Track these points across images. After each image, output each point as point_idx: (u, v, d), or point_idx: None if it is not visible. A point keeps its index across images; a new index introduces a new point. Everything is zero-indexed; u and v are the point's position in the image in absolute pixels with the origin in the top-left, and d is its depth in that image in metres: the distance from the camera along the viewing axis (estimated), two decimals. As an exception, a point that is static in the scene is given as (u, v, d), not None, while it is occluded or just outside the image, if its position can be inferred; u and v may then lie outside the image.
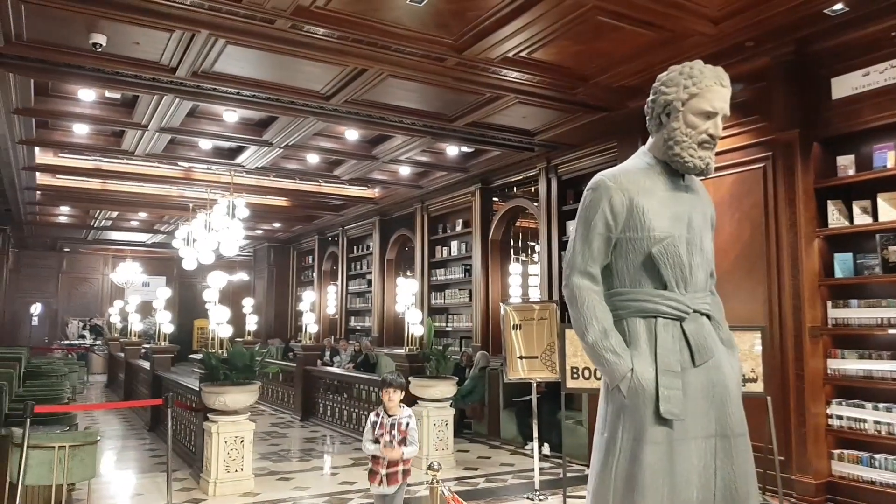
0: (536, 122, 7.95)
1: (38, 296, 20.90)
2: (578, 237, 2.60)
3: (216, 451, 5.87)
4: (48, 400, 7.48)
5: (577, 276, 2.57)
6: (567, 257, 2.64)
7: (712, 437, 2.43)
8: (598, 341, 2.47)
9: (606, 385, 2.56)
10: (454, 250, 11.96)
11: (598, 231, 2.53)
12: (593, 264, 2.55)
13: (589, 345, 2.52)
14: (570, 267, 2.61)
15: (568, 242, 2.68)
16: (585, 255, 2.55)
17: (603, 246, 2.53)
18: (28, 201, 13.27)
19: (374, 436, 4.27)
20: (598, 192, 2.58)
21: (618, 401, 2.47)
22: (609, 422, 2.52)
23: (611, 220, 2.51)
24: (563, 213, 9.14)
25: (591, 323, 2.50)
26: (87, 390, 14.64)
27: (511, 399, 8.34)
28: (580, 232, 2.59)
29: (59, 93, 7.65)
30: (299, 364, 10.66)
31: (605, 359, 2.44)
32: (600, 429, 2.60)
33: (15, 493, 4.78)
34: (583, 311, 2.53)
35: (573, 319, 2.60)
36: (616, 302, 2.54)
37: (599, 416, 2.64)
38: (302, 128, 8.24)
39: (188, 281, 22.14)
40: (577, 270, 2.57)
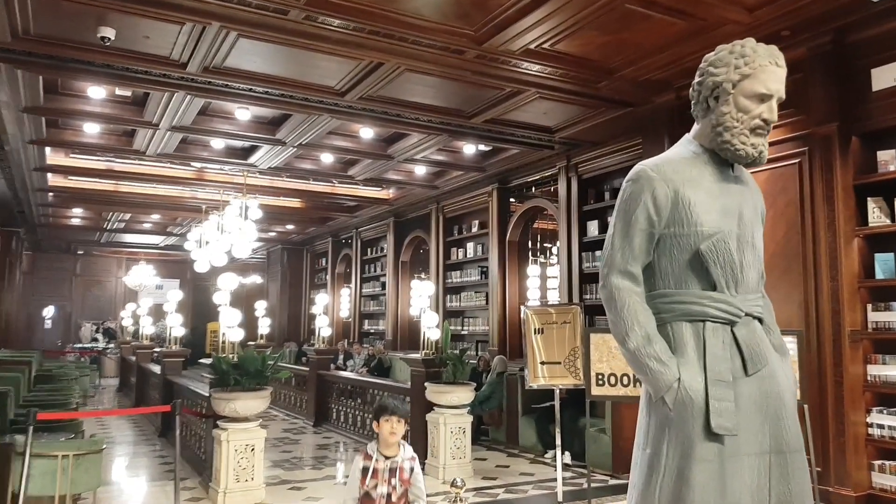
0: (557, 119, 7.70)
1: (53, 298, 20.89)
2: (617, 233, 2.36)
3: (226, 459, 5.65)
4: (56, 405, 7.32)
5: (617, 275, 2.33)
6: (605, 255, 2.39)
7: (766, 454, 2.20)
8: (640, 348, 2.23)
9: (648, 396, 2.32)
10: (470, 252, 11.72)
11: (639, 226, 2.29)
12: (634, 263, 2.31)
13: (630, 352, 2.27)
14: (608, 266, 2.36)
15: (606, 239, 2.43)
16: (625, 253, 2.31)
17: (645, 243, 2.29)
18: (40, 203, 13.19)
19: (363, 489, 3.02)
20: (640, 183, 2.33)
21: (662, 414, 2.23)
22: (652, 437, 2.28)
23: (654, 214, 2.27)
24: (584, 213, 8.87)
25: (632, 328, 2.26)
26: (99, 394, 14.53)
27: (530, 405, 8.08)
28: (619, 227, 2.34)
29: (69, 90, 7.50)
30: (312, 368, 10.45)
31: (649, 367, 2.20)
32: (641, 444, 2.36)
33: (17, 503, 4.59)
34: (623, 314, 2.28)
35: (611, 324, 2.36)
36: (659, 304, 2.30)
37: (640, 430, 2.40)
38: (316, 126, 8.04)
39: (202, 284, 22.04)
40: (616, 270, 2.33)
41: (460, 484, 2.83)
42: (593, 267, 8.65)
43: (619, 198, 2.39)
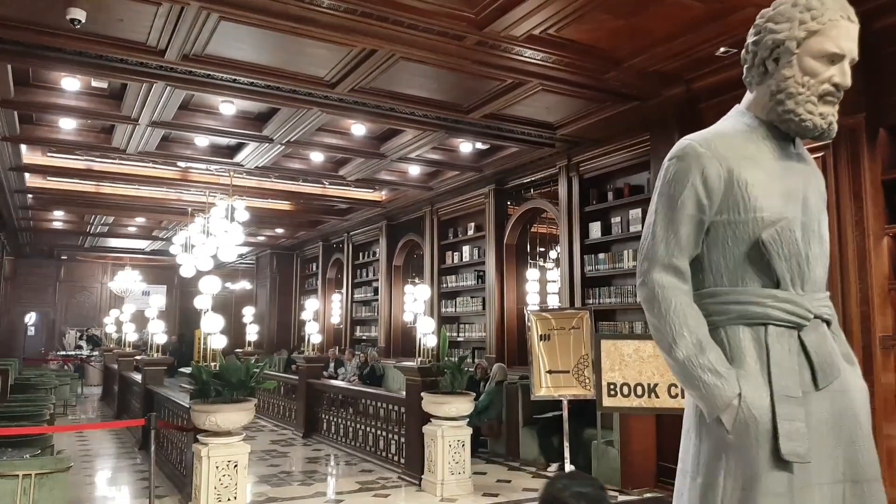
0: (560, 114, 7.31)
1: (35, 305, 20.34)
2: (659, 221, 1.97)
3: (206, 476, 5.21)
4: (27, 417, 6.86)
5: (659, 271, 1.94)
6: (644, 248, 2.00)
7: (840, 483, 1.83)
8: (691, 357, 1.85)
9: (698, 414, 1.93)
10: (466, 256, 11.32)
11: (686, 212, 1.91)
12: (681, 255, 1.93)
13: (678, 362, 1.89)
14: (648, 260, 1.97)
15: (645, 228, 2.04)
16: (670, 244, 1.93)
17: (693, 232, 1.91)
18: (20, 205, 12.70)
19: None
20: (686, 161, 1.95)
21: (717, 436, 1.85)
22: (704, 464, 1.90)
23: (704, 197, 1.89)
24: (586, 214, 8.48)
25: (680, 334, 1.87)
26: (82, 403, 14.02)
27: (532, 416, 7.66)
28: (662, 214, 1.96)
29: (41, 82, 7.05)
30: (302, 377, 10.00)
31: (702, 381, 1.83)
32: (689, 472, 1.97)
33: (-28, 528, 4.14)
34: (668, 317, 1.90)
35: (654, 329, 1.96)
36: (710, 305, 1.93)
37: (687, 455, 2.01)
38: (305, 121, 7.62)
39: (189, 290, 21.48)
40: (658, 264, 1.94)
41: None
42: (596, 270, 8.26)
43: (661, 179, 2.01)
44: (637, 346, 4.95)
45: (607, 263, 8.11)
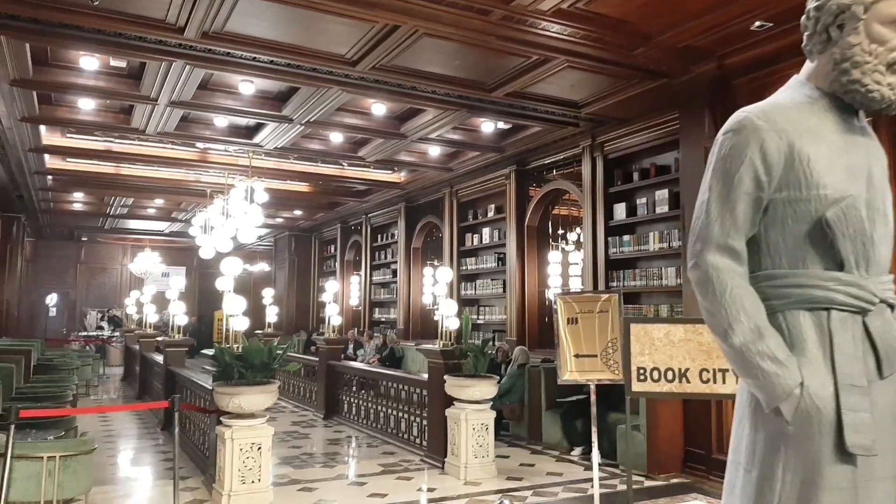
0: (585, 92, 7.13)
1: (56, 286, 20.52)
2: (714, 198, 1.84)
3: (230, 459, 5.17)
4: (51, 397, 6.89)
5: (714, 252, 1.82)
6: (696, 227, 1.88)
7: None
8: (748, 344, 1.74)
9: (753, 404, 1.82)
10: (486, 238, 11.20)
11: (743, 189, 1.79)
12: (737, 235, 1.81)
13: (735, 349, 1.77)
14: (701, 240, 1.85)
15: (697, 206, 1.91)
16: (725, 224, 1.80)
17: (750, 210, 1.79)
18: (40, 187, 12.73)
19: None
20: (744, 134, 1.82)
21: (776, 427, 1.74)
22: (760, 455, 1.78)
23: (762, 173, 1.77)
24: (610, 195, 8.32)
25: (737, 319, 1.75)
26: (104, 383, 14.14)
27: (555, 400, 7.58)
28: (717, 191, 1.83)
29: (60, 61, 6.98)
30: (322, 358, 9.98)
31: (761, 369, 1.71)
32: (743, 464, 1.86)
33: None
34: (723, 301, 1.78)
35: (707, 313, 1.84)
36: (767, 289, 1.81)
37: (740, 446, 1.90)
38: (325, 101, 7.51)
39: (208, 271, 21.60)
40: (712, 245, 1.82)
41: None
42: (620, 253, 8.11)
43: (716, 154, 1.88)
44: (667, 330, 4.82)
45: (632, 245, 7.96)
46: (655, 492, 5.82)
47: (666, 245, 7.52)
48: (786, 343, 1.73)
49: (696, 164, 6.51)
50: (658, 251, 7.63)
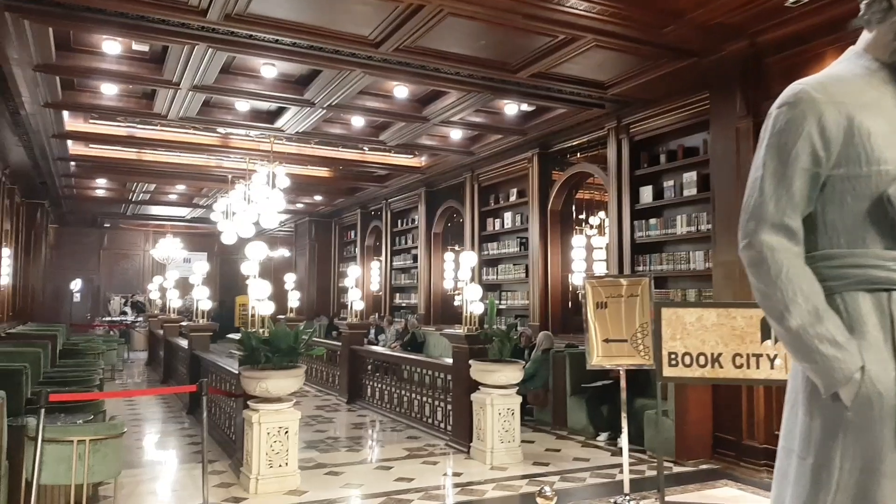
0: (612, 72, 6.99)
1: (80, 272, 20.73)
2: (768, 175, 1.75)
3: (258, 443, 5.18)
4: (78, 382, 6.94)
5: (768, 231, 1.73)
6: (749, 205, 1.79)
7: None
8: (806, 327, 1.65)
9: (809, 389, 1.74)
10: (508, 222, 11.11)
11: (800, 164, 1.69)
12: (793, 213, 1.72)
13: (791, 332, 1.68)
14: (755, 219, 1.76)
15: (749, 183, 1.83)
16: (781, 201, 1.71)
17: (807, 187, 1.70)
18: (63, 173, 12.81)
19: None
20: (800, 107, 1.72)
21: (834, 413, 1.66)
22: (817, 442, 1.70)
23: (820, 148, 1.68)
24: (636, 178, 8.18)
25: (793, 300, 1.67)
26: (128, 368, 14.30)
27: (580, 385, 7.50)
28: (771, 167, 1.74)
29: (82, 46, 6.96)
30: (345, 343, 9.98)
31: (819, 352, 1.63)
32: (797, 451, 1.79)
33: (31, 491, 4.16)
34: (779, 282, 1.69)
35: (761, 295, 1.76)
36: (824, 269, 1.72)
37: (795, 432, 1.83)
38: (347, 84, 7.43)
39: (229, 257, 21.76)
40: (767, 223, 1.73)
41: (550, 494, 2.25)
42: (647, 236, 7.99)
43: (770, 128, 1.79)
44: (700, 315, 4.73)
45: (659, 229, 7.83)
46: (684, 478, 5.75)
47: (694, 228, 7.38)
48: (844, 326, 1.65)
49: (726, 145, 6.37)
50: (686, 235, 7.49)
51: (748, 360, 4.61)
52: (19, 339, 9.49)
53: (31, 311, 14.80)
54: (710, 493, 5.37)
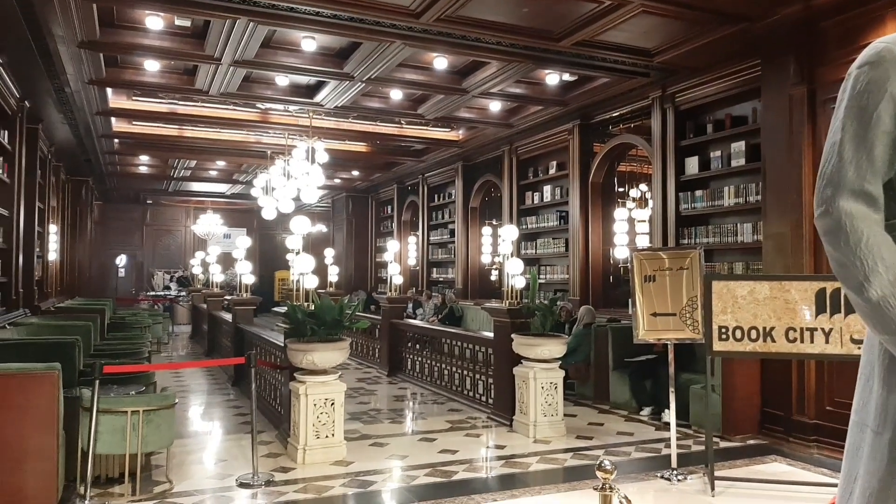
0: (658, 40, 6.80)
1: (124, 248, 21.22)
2: (848, 138, 1.64)
3: (304, 414, 5.24)
4: (128, 354, 7.10)
5: (847, 197, 1.62)
6: (826, 171, 1.69)
7: None
8: (888, 298, 1.55)
9: (885, 362, 1.65)
10: (547, 196, 10.99)
11: (882, 127, 1.58)
12: (873, 179, 1.61)
13: (871, 303, 1.59)
14: (833, 185, 1.66)
15: (827, 148, 1.73)
16: (861, 167, 1.60)
17: (889, 151, 1.59)
18: (107, 150, 13.04)
19: None
20: (883, 67, 1.61)
21: (915, 388, 1.57)
22: (894, 416, 1.62)
23: None
24: (681, 148, 7.99)
25: (874, 270, 1.57)
26: (173, 341, 14.62)
27: (622, 359, 7.43)
28: (851, 130, 1.63)
29: (126, 22, 7.02)
30: (385, 317, 10.04)
31: None
32: (871, 426, 1.70)
33: (87, 460, 4.28)
34: (859, 251, 1.59)
35: (838, 265, 1.66)
36: None
37: (868, 407, 1.73)
38: (386, 56, 7.37)
39: (268, 232, 22.02)
40: (846, 190, 1.63)
41: (610, 468, 2.21)
42: (693, 209, 7.82)
43: (849, 90, 1.67)
44: (752, 288, 4.61)
45: (705, 201, 7.65)
46: (732, 453, 5.66)
47: (742, 200, 7.20)
48: (924, 297, 1.56)
49: (778, 113, 6.16)
50: (733, 206, 7.31)
51: (802, 333, 4.50)
52: (69, 313, 9.74)
53: (78, 286, 15.19)
54: (759, 468, 5.28)
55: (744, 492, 4.63)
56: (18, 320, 7.62)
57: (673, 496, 4.62)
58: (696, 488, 4.72)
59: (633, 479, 4.91)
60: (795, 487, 4.72)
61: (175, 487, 4.63)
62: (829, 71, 5.74)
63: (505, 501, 4.45)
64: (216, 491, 4.63)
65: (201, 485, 4.75)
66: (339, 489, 4.68)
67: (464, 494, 4.53)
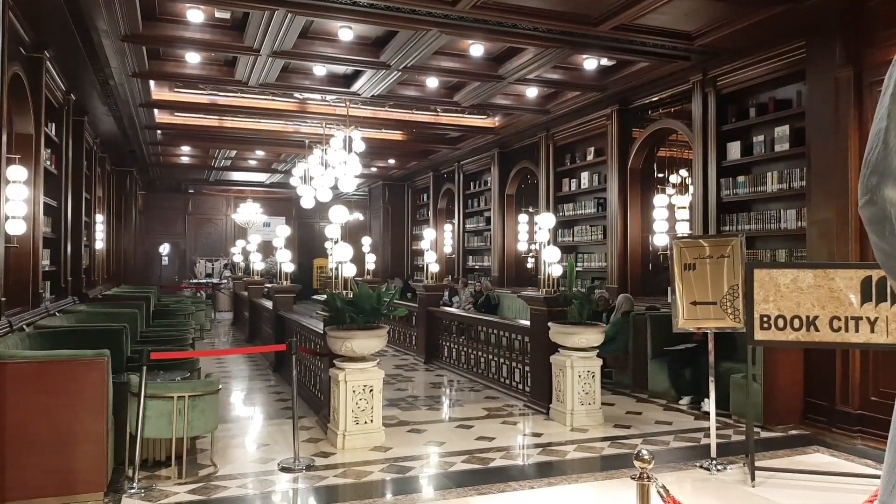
0: (699, 22, 6.66)
1: (167, 236, 21.70)
2: (893, 126, 1.59)
3: (344, 400, 5.33)
4: (173, 341, 7.29)
5: (893, 186, 1.56)
6: (871, 159, 1.63)
7: None
8: None
9: None
10: (584, 182, 10.89)
11: None
12: None
13: None
14: (878, 173, 1.60)
15: (871, 136, 1.67)
16: None
17: None
18: (150, 141, 13.33)
19: None
20: None
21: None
22: None
23: None
24: (723, 134, 7.84)
25: None
26: (215, 328, 14.93)
27: (661, 348, 7.36)
28: None
29: (167, 15, 7.15)
30: (421, 304, 10.10)
31: None
32: None
33: (136, 444, 4.42)
34: None
35: (884, 255, 1.61)
36: None
37: None
38: (423, 44, 7.37)
39: (306, 221, 22.28)
40: (891, 178, 1.56)
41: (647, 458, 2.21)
42: (734, 195, 7.67)
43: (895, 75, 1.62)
44: (795, 276, 4.51)
45: (747, 187, 7.50)
46: (773, 443, 5.58)
47: (786, 186, 7.04)
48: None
49: (824, 97, 6.00)
50: (777, 192, 7.15)
51: (846, 323, 4.40)
52: (115, 300, 10.03)
53: (123, 274, 15.61)
54: (801, 459, 5.20)
55: (785, 482, 4.56)
56: (68, 308, 7.88)
57: (712, 486, 4.58)
58: (736, 478, 4.67)
59: (671, 469, 4.88)
60: (838, 479, 4.64)
61: (219, 471, 4.76)
62: (876, 53, 5.56)
63: (542, 489, 4.47)
64: (259, 475, 4.75)
65: (244, 468, 4.88)
66: (378, 474, 4.75)
67: (501, 481, 4.57)
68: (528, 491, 4.42)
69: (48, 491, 4.06)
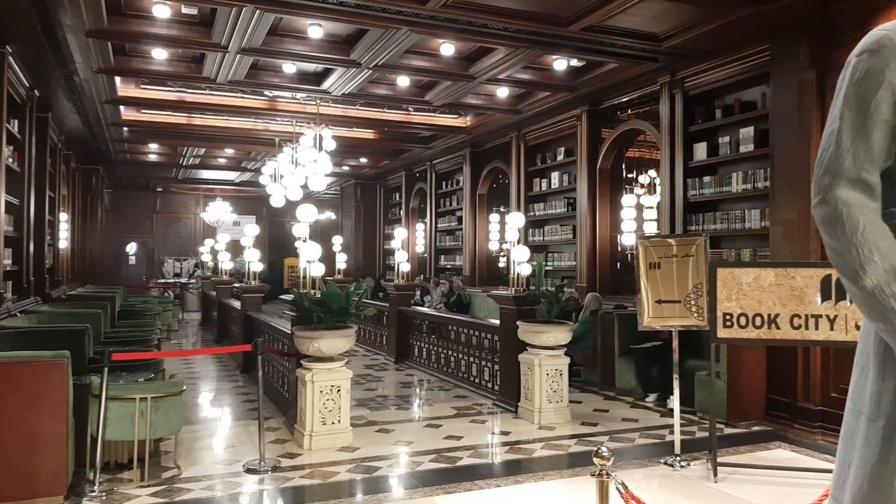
0: (668, 24, 6.73)
1: (135, 235, 21.38)
2: (846, 127, 1.64)
3: (311, 401, 5.29)
4: (137, 341, 7.17)
5: (845, 186, 1.62)
6: (824, 159, 1.68)
7: None
8: (882, 286, 1.55)
9: (880, 350, 1.66)
10: (555, 182, 10.96)
11: (880, 116, 1.58)
12: (871, 168, 1.60)
13: (866, 291, 1.59)
14: (830, 173, 1.65)
15: (825, 136, 1.72)
16: (859, 155, 1.60)
17: (886, 140, 1.59)
18: (116, 139, 13.10)
19: None
20: (882, 55, 1.60)
21: (907, 375, 1.58)
22: (888, 404, 1.63)
23: None
24: (690, 134, 7.94)
25: (869, 259, 1.57)
26: (183, 328, 14.74)
27: (628, 346, 7.44)
28: (849, 119, 1.62)
29: (133, 10, 7.03)
30: (393, 304, 10.08)
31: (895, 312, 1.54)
32: (866, 413, 1.71)
33: (97, 446, 4.34)
34: (855, 240, 1.59)
35: (835, 253, 1.66)
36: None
37: (863, 395, 1.74)
38: (393, 43, 7.35)
39: (277, 220, 22.11)
40: (843, 178, 1.62)
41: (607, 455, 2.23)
42: (700, 195, 7.78)
43: (848, 78, 1.66)
44: (757, 275, 4.59)
45: (713, 187, 7.61)
46: (737, 439, 5.68)
47: (750, 186, 7.15)
48: (918, 286, 1.56)
49: (788, 98, 6.11)
50: (741, 193, 7.27)
51: (807, 320, 4.49)
52: (80, 300, 9.84)
53: (90, 274, 15.33)
54: (763, 454, 5.29)
55: (746, 478, 4.64)
56: (30, 308, 7.71)
57: (676, 482, 4.64)
58: (699, 474, 4.74)
59: (636, 465, 4.94)
60: (797, 473, 4.73)
61: (183, 473, 4.70)
62: (840, 55, 5.66)
63: (508, 487, 4.49)
64: (223, 476, 4.69)
65: (209, 470, 4.82)
66: (345, 475, 4.73)
67: (468, 480, 4.57)
68: (495, 489, 4.44)
69: (7, 495, 3.97)
